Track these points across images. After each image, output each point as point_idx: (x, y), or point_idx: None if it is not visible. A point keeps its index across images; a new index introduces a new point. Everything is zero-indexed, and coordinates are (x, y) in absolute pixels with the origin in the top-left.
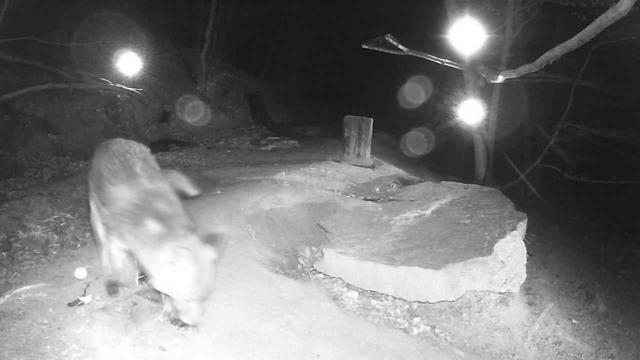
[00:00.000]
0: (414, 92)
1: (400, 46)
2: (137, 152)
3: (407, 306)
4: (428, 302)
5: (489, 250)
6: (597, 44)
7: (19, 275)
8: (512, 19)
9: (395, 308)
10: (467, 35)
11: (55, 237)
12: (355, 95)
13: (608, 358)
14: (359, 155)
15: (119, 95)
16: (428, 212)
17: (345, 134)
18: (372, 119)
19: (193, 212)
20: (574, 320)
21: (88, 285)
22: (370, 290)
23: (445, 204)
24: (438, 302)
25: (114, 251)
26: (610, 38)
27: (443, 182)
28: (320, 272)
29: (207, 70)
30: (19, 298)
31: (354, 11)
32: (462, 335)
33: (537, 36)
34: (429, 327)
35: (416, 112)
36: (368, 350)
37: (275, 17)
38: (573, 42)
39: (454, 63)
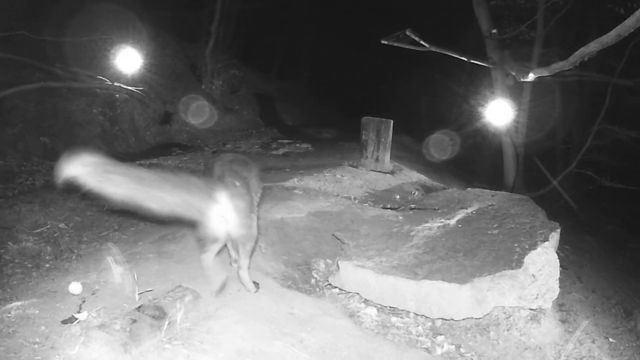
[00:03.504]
0: (437, 94)
1: (422, 42)
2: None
3: (430, 324)
4: (453, 320)
5: (518, 263)
6: (636, 39)
7: (9, 290)
8: (543, 13)
9: (417, 326)
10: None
11: (48, 248)
12: (373, 95)
13: None
14: (377, 159)
15: (117, 95)
16: (453, 221)
17: (363, 136)
18: (391, 121)
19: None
20: (610, 339)
21: (84, 301)
22: (390, 307)
23: (471, 212)
24: (463, 319)
25: None
26: None
27: (469, 189)
28: (336, 287)
29: (212, 68)
30: (9, 315)
31: (372, 4)
32: (489, 355)
33: (570, 31)
34: (453, 346)
35: (440, 113)
36: None
37: (286, 10)
38: (610, 37)
39: (481, 60)
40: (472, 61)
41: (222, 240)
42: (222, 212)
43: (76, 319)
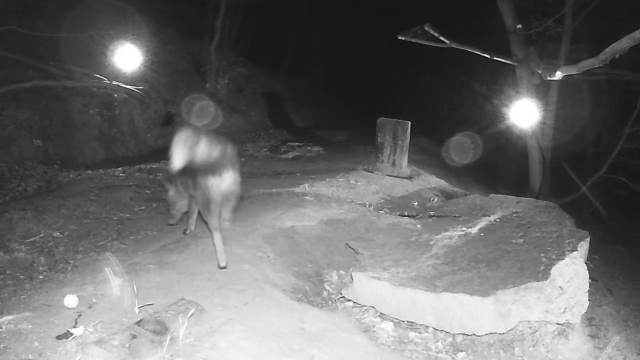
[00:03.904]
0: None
1: (441, 38)
2: None
3: (450, 339)
4: (474, 335)
5: (545, 275)
6: None
7: (0, 303)
8: (571, 7)
9: (437, 341)
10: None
11: (42, 259)
12: (390, 94)
13: None
14: (394, 164)
15: (115, 95)
16: (474, 230)
17: (379, 139)
18: (409, 122)
19: (200, 231)
20: None
21: (80, 315)
22: (408, 321)
23: (495, 220)
24: (486, 334)
25: None
26: None
27: (492, 195)
28: (350, 300)
29: (217, 66)
30: (0, 330)
31: None
32: None
33: (600, 26)
34: None
35: (461, 114)
36: None
37: (296, 4)
38: None
39: (505, 57)
40: (496, 58)
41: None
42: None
43: (72, 334)
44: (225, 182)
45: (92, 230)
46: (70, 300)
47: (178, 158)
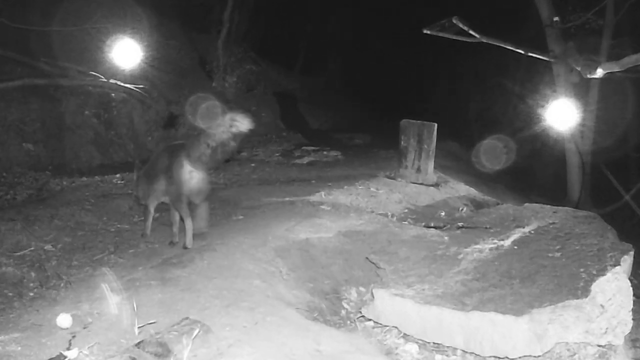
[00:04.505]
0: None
1: (471, 31)
2: None
3: None
4: (507, 358)
5: (584, 292)
6: None
7: None
8: None
9: None
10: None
11: (32, 274)
12: (414, 93)
13: None
14: (419, 170)
15: (113, 94)
16: (507, 242)
17: (402, 143)
18: (435, 124)
19: (205, 244)
20: None
21: (74, 336)
22: (434, 342)
23: (529, 232)
24: (520, 357)
25: None
26: None
27: (526, 204)
28: (370, 319)
29: (225, 63)
30: None
31: None
32: None
33: None
34: None
35: (492, 115)
36: None
37: None
38: None
39: (541, 53)
40: (530, 54)
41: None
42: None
43: (65, 357)
44: (194, 179)
45: (88, 242)
46: (64, 320)
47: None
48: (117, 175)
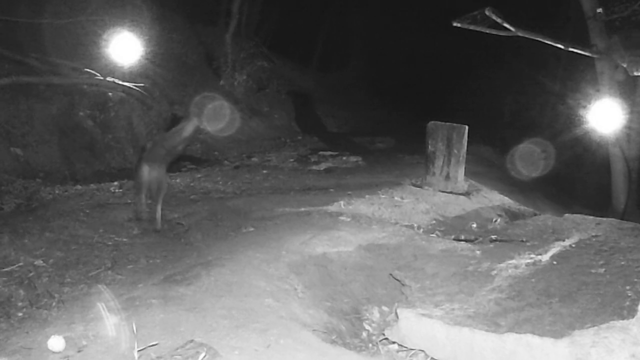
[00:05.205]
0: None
1: (505, 24)
2: None
3: None
4: None
5: (631, 312)
6: None
7: None
8: None
9: None
10: None
11: (21, 292)
12: (442, 93)
13: None
14: (448, 177)
15: (110, 94)
16: (545, 257)
17: (429, 147)
18: (466, 127)
19: (212, 259)
20: None
21: None
22: None
23: (570, 246)
24: None
25: None
26: None
27: (566, 215)
28: (394, 342)
29: (234, 59)
30: None
31: None
32: None
33: None
34: None
35: (529, 116)
36: None
37: None
38: None
39: (583, 48)
40: (571, 49)
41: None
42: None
43: None
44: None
45: (82, 257)
46: (56, 343)
47: None
48: (115, 183)
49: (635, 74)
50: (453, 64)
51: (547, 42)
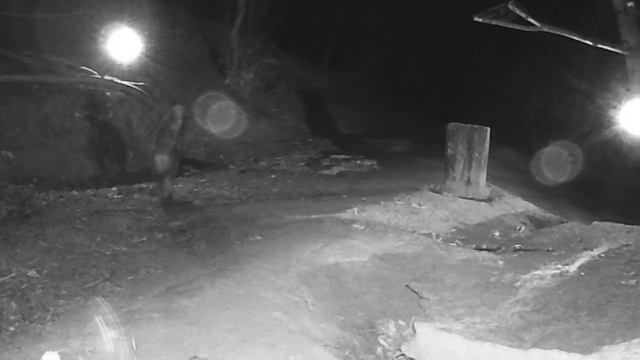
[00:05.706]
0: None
1: (530, 19)
2: None
3: None
4: None
5: None
6: None
7: None
8: None
9: None
10: None
11: (13, 305)
12: (462, 92)
13: None
14: (469, 182)
15: (108, 93)
16: (573, 267)
17: (449, 150)
18: (488, 129)
19: (217, 269)
20: None
21: None
22: None
23: (599, 255)
24: None
25: None
26: None
27: (595, 223)
28: (412, 358)
29: (240, 56)
30: None
31: None
32: None
33: None
34: None
35: (555, 117)
36: None
37: None
38: None
39: (612, 45)
40: (600, 46)
41: None
42: None
43: None
44: None
45: (79, 268)
46: (50, 359)
47: None
48: (113, 189)
49: None
50: (473, 61)
51: (574, 38)
